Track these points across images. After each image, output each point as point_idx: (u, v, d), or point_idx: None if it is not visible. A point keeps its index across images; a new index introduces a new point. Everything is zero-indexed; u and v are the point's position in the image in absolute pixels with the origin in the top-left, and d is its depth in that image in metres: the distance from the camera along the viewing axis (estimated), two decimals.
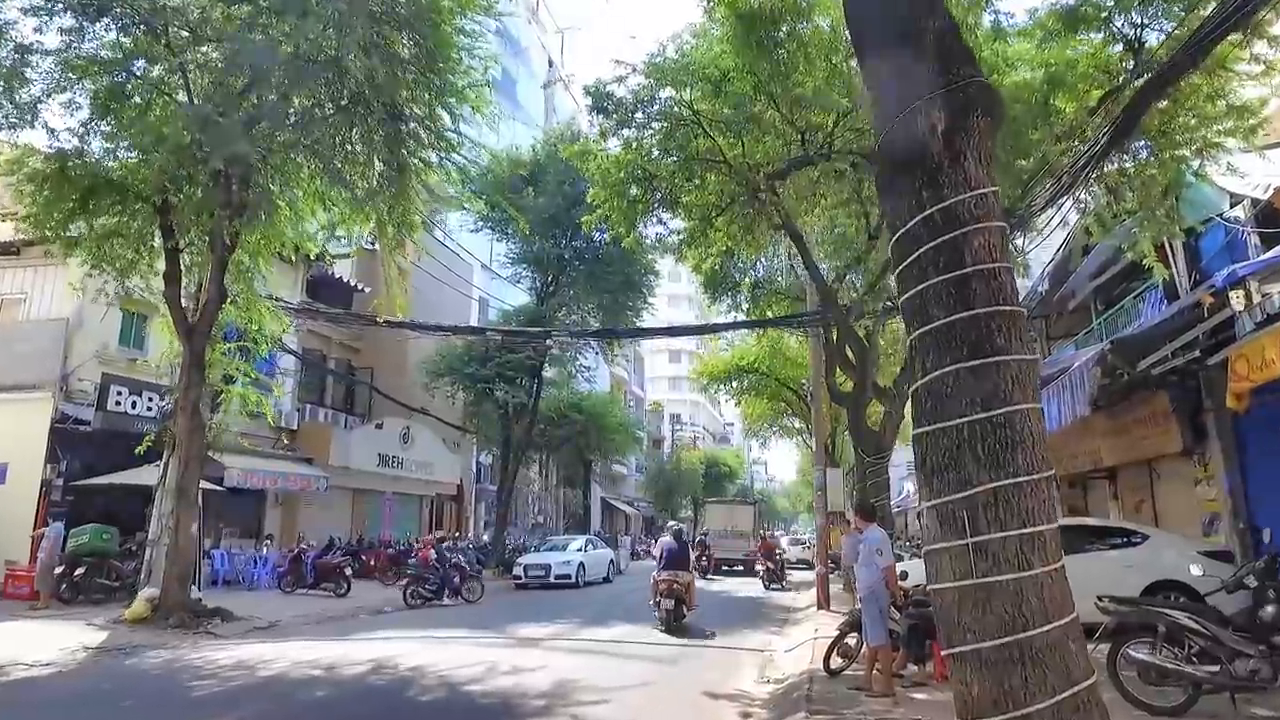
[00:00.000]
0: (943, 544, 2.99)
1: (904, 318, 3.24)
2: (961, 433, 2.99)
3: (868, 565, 7.54)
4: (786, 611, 16.37)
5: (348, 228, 13.94)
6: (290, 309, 16.56)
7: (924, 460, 3.13)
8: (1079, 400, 9.74)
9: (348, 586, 17.27)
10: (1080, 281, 16.32)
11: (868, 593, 7.52)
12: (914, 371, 3.17)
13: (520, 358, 24.53)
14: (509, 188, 24.17)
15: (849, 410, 9.87)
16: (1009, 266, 3.11)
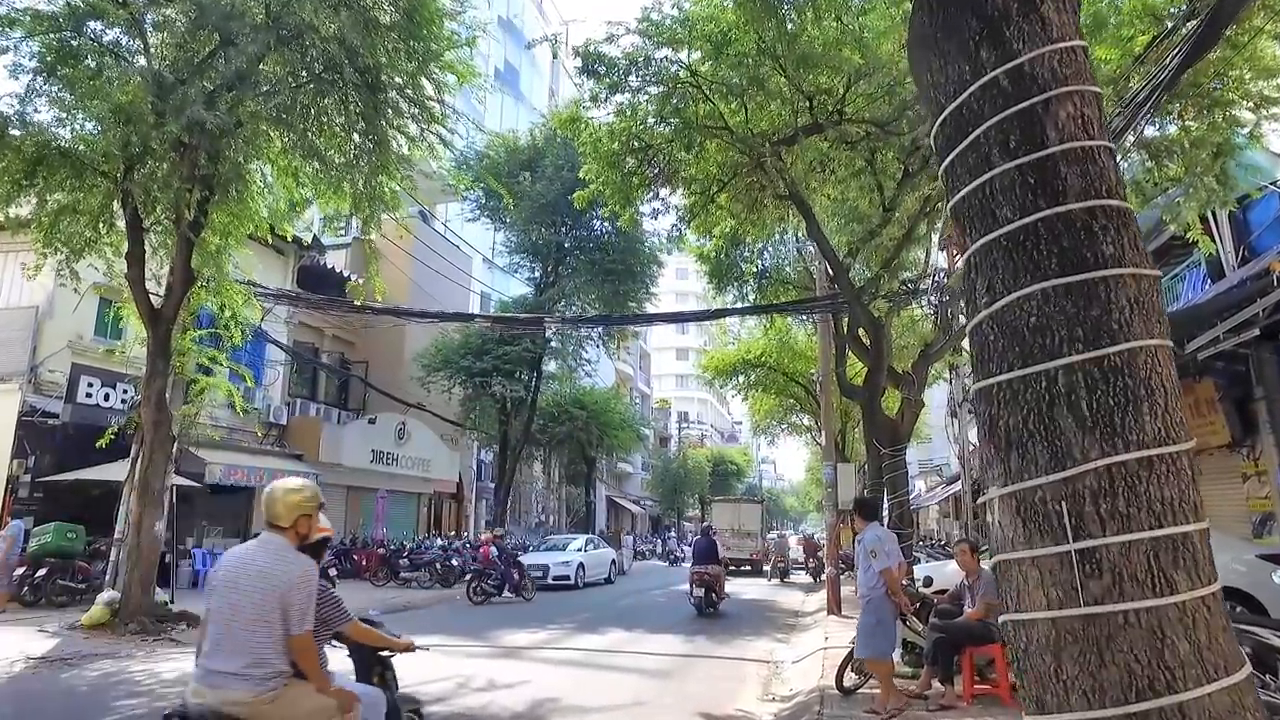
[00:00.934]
0: (1025, 552, 1.97)
1: (956, 226, 2.26)
2: (1054, 383, 1.98)
3: (864, 568, 6.61)
4: (794, 616, 15.41)
5: (323, 206, 13.03)
6: (267, 294, 15.64)
7: (992, 426, 2.10)
8: None
9: (331, 588, 16.36)
10: None
11: (864, 600, 6.59)
12: (972, 300, 2.19)
13: (518, 350, 23.63)
14: (505, 173, 23.28)
15: (863, 398, 8.93)
16: (1110, 147, 2.12)
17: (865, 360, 10.13)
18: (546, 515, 40.70)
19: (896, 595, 6.38)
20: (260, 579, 3.33)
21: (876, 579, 6.40)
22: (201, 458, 18.06)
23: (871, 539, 6.48)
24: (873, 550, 6.39)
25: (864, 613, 6.48)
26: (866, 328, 9.55)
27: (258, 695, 3.21)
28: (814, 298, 14.92)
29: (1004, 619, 2.05)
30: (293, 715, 3.35)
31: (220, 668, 3.26)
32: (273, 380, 22.70)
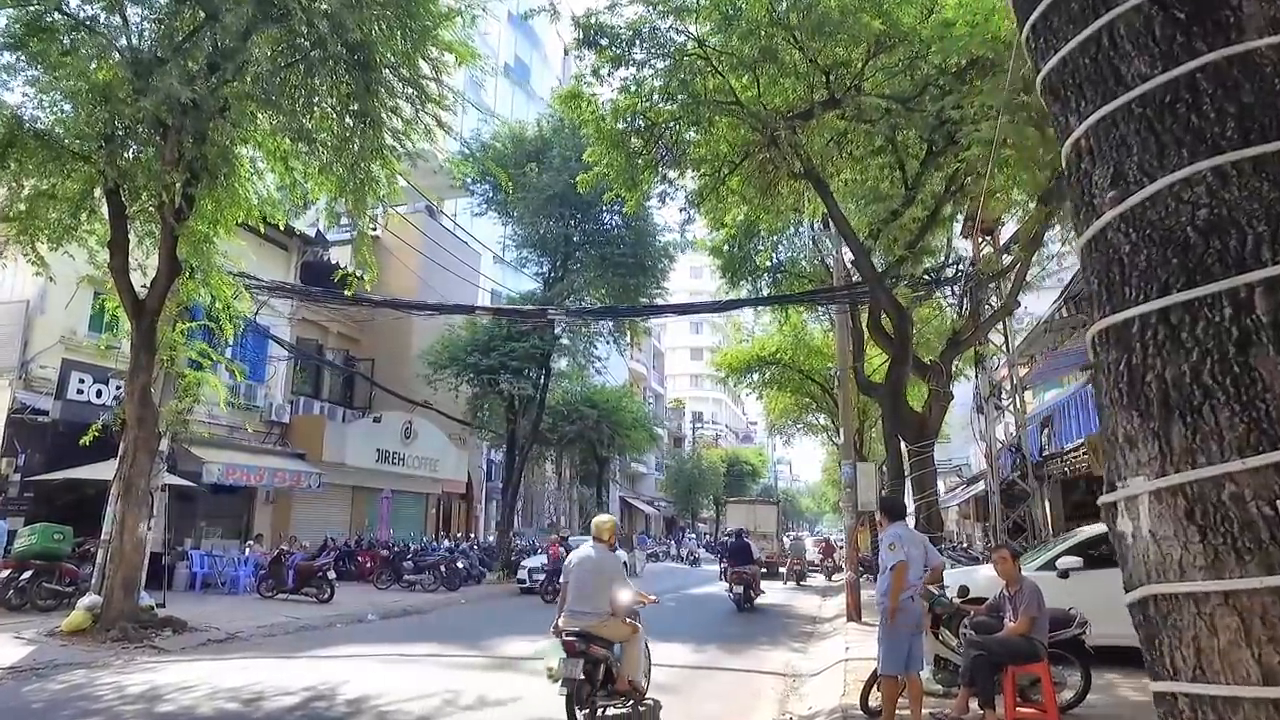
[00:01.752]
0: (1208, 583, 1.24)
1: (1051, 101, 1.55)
2: (1247, 309, 1.25)
3: (882, 574, 5.92)
4: (811, 622, 14.66)
5: (315, 192, 12.43)
6: (260, 286, 15.08)
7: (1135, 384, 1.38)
8: None
9: (330, 592, 15.82)
10: None
11: (879, 607, 5.89)
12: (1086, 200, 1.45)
13: (526, 347, 22.99)
14: (511, 164, 22.65)
15: (886, 390, 8.22)
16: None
17: (888, 351, 9.40)
18: (557, 516, 40.07)
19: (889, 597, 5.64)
20: (595, 567, 6.40)
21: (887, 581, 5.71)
22: (199, 456, 17.57)
23: (889, 536, 5.80)
24: (890, 544, 5.69)
25: (881, 624, 5.78)
26: (890, 314, 8.83)
27: (599, 621, 6.22)
28: (831, 288, 14.20)
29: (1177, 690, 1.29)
30: (614, 631, 6.32)
31: (580, 609, 6.28)
32: (274, 376, 22.21)
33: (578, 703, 6.05)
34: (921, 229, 9.62)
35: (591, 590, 6.28)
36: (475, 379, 24.03)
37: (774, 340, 27.76)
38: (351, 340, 26.27)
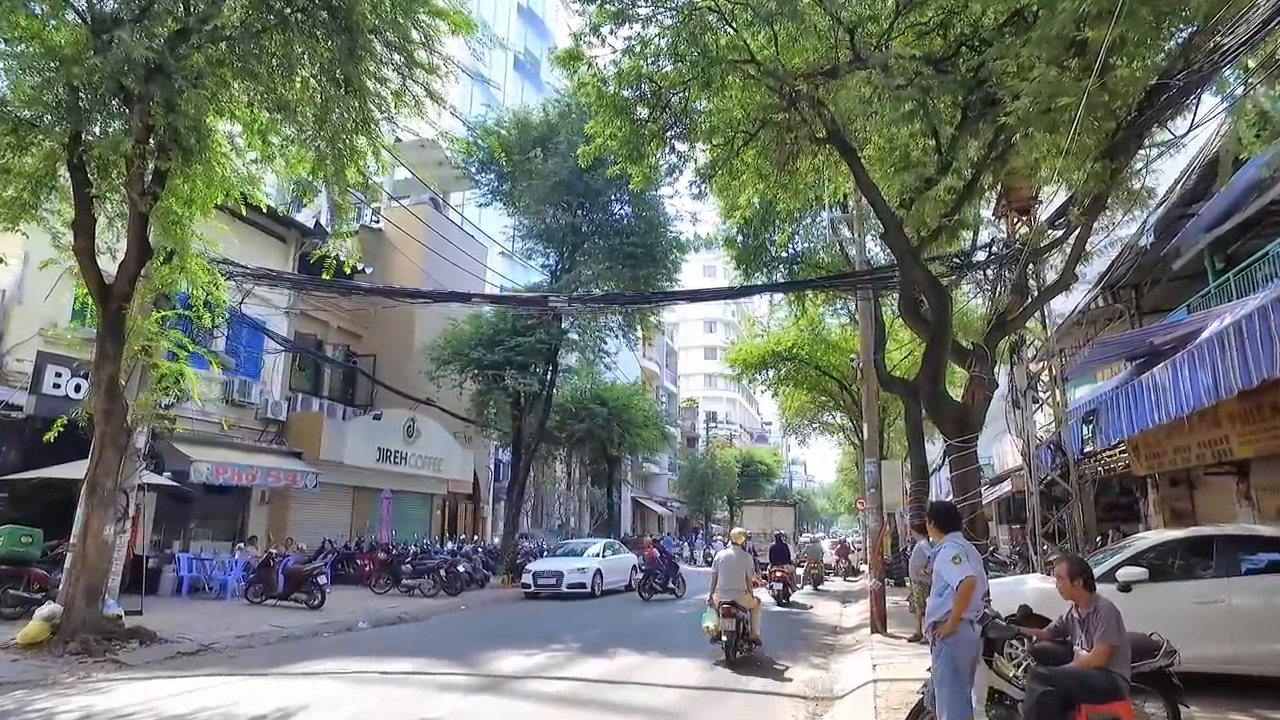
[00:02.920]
0: None
1: None
2: None
3: (936, 591, 4.93)
4: (832, 633, 13.63)
5: (294, 168, 11.53)
6: (245, 274, 14.22)
7: None
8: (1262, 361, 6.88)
9: (321, 597, 14.96)
10: (1193, 235, 13.31)
11: (928, 630, 4.92)
12: None
13: (532, 342, 22.09)
14: (516, 150, 21.78)
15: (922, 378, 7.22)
16: None
17: (923, 335, 8.38)
18: (567, 517, 39.17)
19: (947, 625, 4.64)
20: (737, 563, 10.45)
21: (949, 601, 4.72)
22: (186, 455, 16.77)
23: (952, 548, 4.83)
24: (955, 556, 4.72)
25: (937, 658, 4.78)
26: (925, 291, 7.81)
27: (739, 595, 10.06)
28: (855, 273, 13.18)
29: None
30: (748, 602, 10.12)
31: (729, 588, 10.14)
32: (270, 372, 21.41)
33: (730, 646, 10.03)
34: (958, 199, 8.60)
35: (736, 577, 10.34)
36: (479, 375, 23.15)
37: (790, 335, 26.73)
38: (353, 336, 25.46)
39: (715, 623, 9.95)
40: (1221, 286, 12.75)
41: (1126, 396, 9.84)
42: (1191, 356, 8.08)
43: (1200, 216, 12.41)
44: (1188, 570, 7.68)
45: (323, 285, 15.69)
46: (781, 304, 26.11)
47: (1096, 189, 6.77)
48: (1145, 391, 9.26)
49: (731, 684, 8.87)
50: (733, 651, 9.96)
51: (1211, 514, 13.97)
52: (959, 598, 4.61)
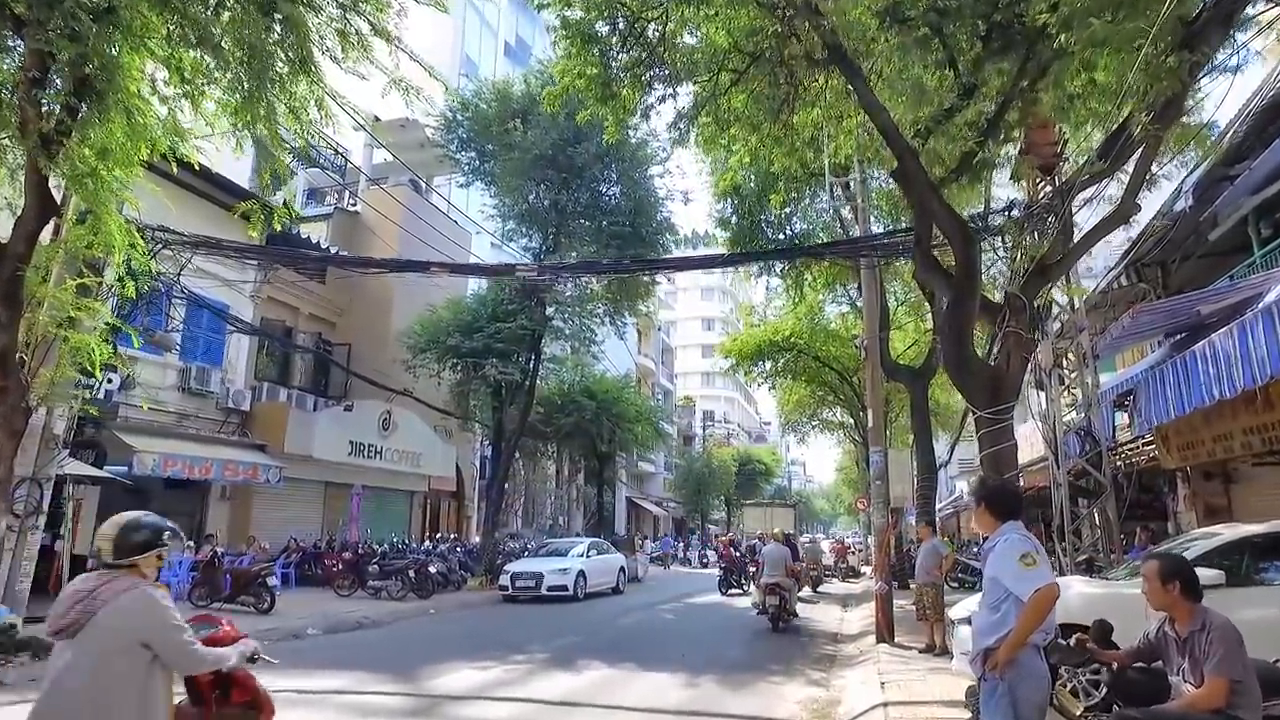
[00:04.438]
0: None
1: None
2: None
3: (991, 601, 3.53)
4: (833, 641, 12.27)
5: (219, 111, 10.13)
6: (180, 241, 12.84)
7: None
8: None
9: (270, 600, 13.59)
10: (1235, 198, 11.95)
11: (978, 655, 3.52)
12: None
13: (513, 328, 20.71)
14: (495, 122, 20.45)
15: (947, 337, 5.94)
16: None
17: (945, 289, 7.03)
18: (556, 516, 37.81)
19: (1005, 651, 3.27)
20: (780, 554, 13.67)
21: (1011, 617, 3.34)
22: (130, 445, 15.39)
23: (1016, 542, 3.47)
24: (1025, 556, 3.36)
25: (988, 696, 3.38)
26: (950, 233, 6.45)
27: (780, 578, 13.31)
28: (858, 238, 11.84)
29: None
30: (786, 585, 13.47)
31: (772, 573, 13.41)
32: (234, 360, 20.06)
33: (774, 619, 13.01)
34: (982, 134, 7.28)
35: (778, 565, 13.36)
36: (458, 364, 21.78)
37: (787, 324, 25.37)
38: (325, 323, 24.08)
39: (762, 600, 13.57)
40: (1269, 256, 11.41)
41: (1175, 371, 8.49)
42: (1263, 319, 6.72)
43: (1246, 176, 11.06)
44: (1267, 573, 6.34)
45: (267, 252, 14.27)
46: (778, 290, 24.82)
47: (1172, 88, 5.45)
48: (1199, 364, 7.91)
49: (718, 705, 7.51)
50: (777, 622, 13.19)
51: (1252, 510, 12.63)
52: (1028, 615, 3.23)
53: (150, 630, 2.85)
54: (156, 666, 2.88)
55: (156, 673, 2.89)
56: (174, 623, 2.92)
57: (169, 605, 2.94)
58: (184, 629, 2.97)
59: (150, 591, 2.92)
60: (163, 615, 2.89)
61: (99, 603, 2.83)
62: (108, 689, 2.77)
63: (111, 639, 2.80)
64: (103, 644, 2.79)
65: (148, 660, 2.85)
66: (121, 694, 2.80)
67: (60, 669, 2.82)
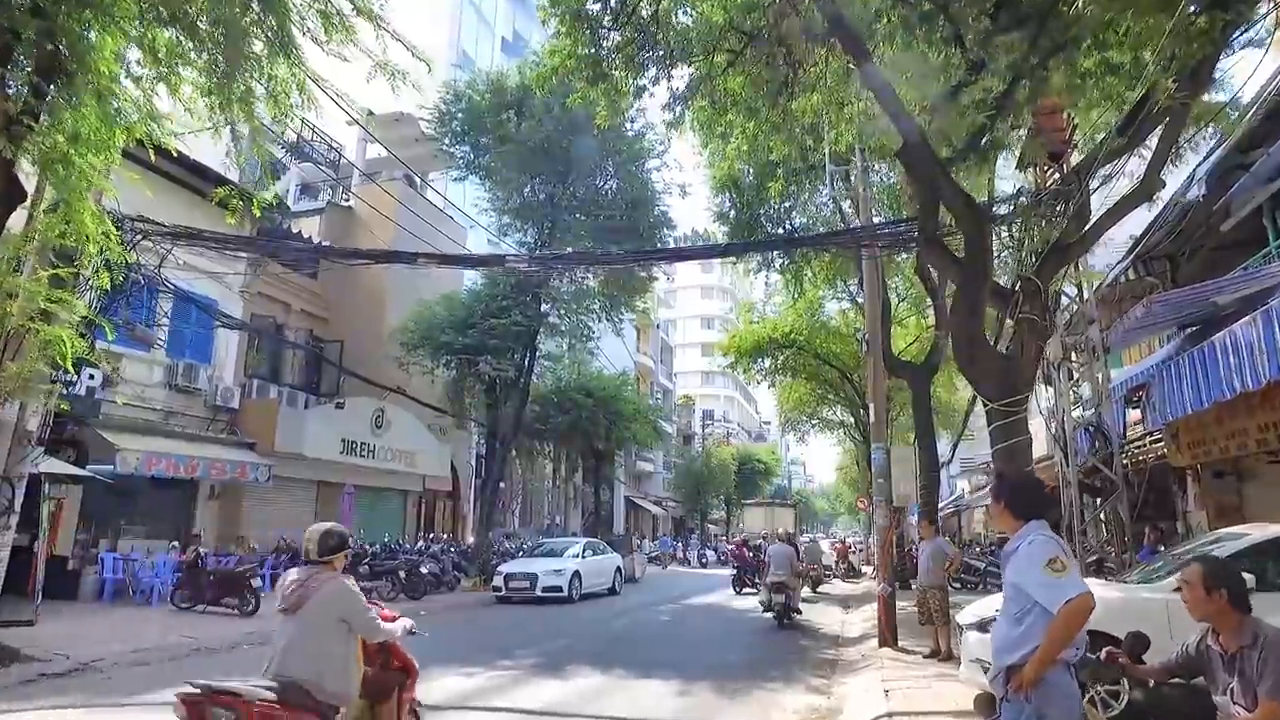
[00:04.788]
0: None
1: None
2: None
3: (1013, 611, 3.15)
4: (834, 645, 11.88)
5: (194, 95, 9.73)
6: (159, 232, 12.43)
7: None
8: None
9: (255, 603, 13.20)
10: (1249, 188, 11.54)
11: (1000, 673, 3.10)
12: None
13: (508, 324, 20.32)
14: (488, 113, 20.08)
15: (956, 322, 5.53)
16: None
17: (953, 274, 6.62)
18: (553, 516, 37.42)
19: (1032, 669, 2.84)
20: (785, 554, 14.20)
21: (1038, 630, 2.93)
22: (112, 443, 15.00)
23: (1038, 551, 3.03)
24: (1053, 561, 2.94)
25: (1012, 711, 2.96)
26: (958, 213, 6.04)
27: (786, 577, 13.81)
28: (861, 227, 11.46)
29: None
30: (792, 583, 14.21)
31: (777, 572, 13.77)
32: (222, 356, 19.67)
33: (779, 616, 13.44)
34: (992, 114, 6.89)
35: (783, 563, 13.69)
36: (452, 361, 21.38)
37: (787, 320, 24.99)
38: (317, 319, 23.68)
39: (768, 598, 13.83)
40: None
41: (1193, 363, 8.10)
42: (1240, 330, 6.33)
43: (1263, 163, 10.64)
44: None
45: (249, 242, 13.86)
46: (778, 286, 24.46)
47: (1203, 51, 5.05)
48: (1219, 355, 7.52)
49: (707, 717, 7.11)
50: (781, 619, 13.66)
51: (1266, 509, 12.24)
52: (1058, 629, 2.85)
53: (347, 610, 3.86)
54: (352, 635, 3.92)
55: (352, 640, 3.94)
56: (364, 605, 3.99)
57: (358, 592, 4.01)
58: (371, 609, 4.07)
59: (345, 582, 3.96)
60: (356, 599, 3.94)
61: (311, 589, 3.80)
62: (320, 650, 3.78)
63: (321, 615, 3.79)
64: (316, 618, 3.78)
65: (346, 631, 3.87)
66: (330, 653, 3.80)
67: (287, 638, 3.80)
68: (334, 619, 3.81)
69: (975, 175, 7.33)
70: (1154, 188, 6.14)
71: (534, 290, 20.98)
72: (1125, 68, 7.40)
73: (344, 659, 3.87)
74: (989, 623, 6.62)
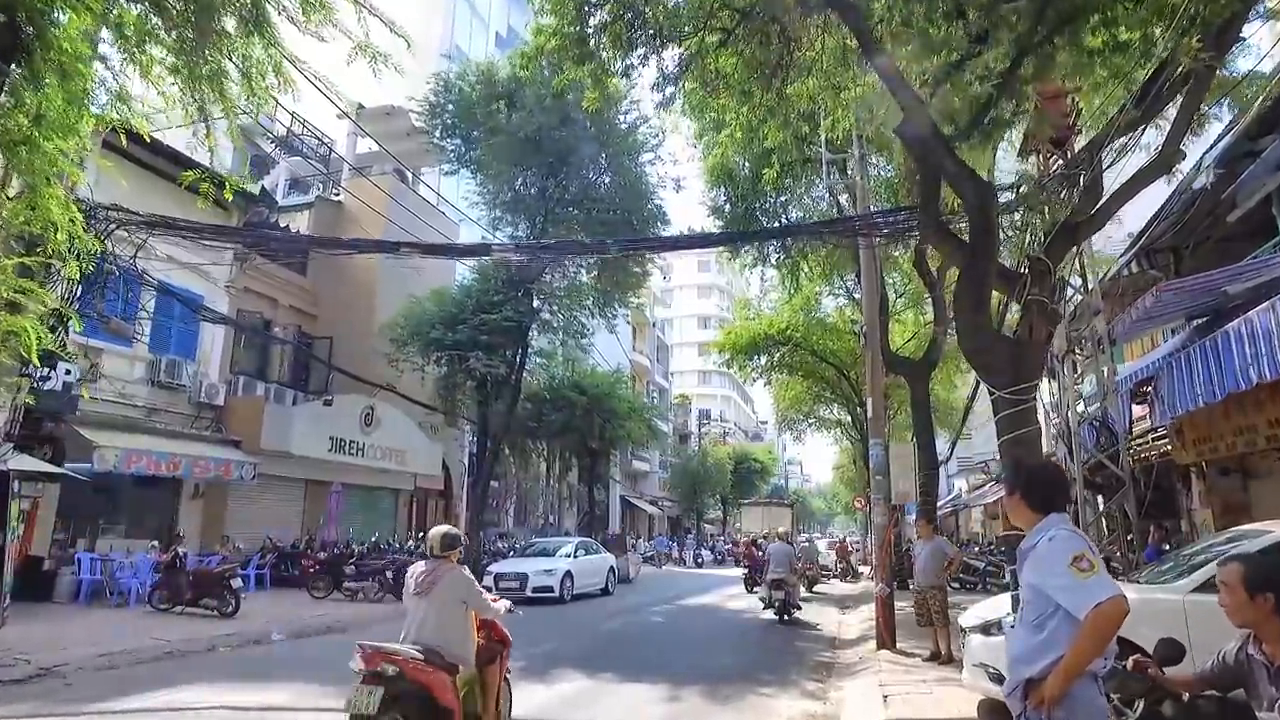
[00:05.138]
0: None
1: None
2: None
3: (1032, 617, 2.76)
4: (830, 647, 11.53)
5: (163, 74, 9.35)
6: (135, 221, 12.03)
7: None
8: None
9: (235, 604, 12.81)
10: (1258, 176, 11.19)
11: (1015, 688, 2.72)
12: None
13: (499, 319, 19.93)
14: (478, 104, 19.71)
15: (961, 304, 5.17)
16: None
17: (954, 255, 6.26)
18: (547, 516, 37.04)
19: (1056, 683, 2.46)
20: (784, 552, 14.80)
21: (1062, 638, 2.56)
22: (90, 440, 14.60)
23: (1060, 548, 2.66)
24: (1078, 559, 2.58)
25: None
26: (959, 187, 5.68)
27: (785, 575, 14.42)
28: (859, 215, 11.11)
29: None
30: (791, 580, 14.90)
31: (777, 570, 14.38)
32: (208, 353, 19.27)
33: (779, 612, 13.93)
34: (997, 83, 6.54)
35: (782, 561, 14.29)
36: (442, 357, 20.97)
37: (783, 316, 24.64)
38: (306, 315, 23.29)
39: (769, 594, 14.37)
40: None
41: (1205, 354, 7.76)
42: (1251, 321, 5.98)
43: (1273, 149, 10.29)
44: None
45: (224, 232, 13.45)
46: (773, 282, 24.14)
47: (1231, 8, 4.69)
48: (1234, 344, 7.17)
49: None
50: (781, 615, 14.17)
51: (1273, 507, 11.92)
52: (1087, 638, 2.48)
53: (466, 593, 4.95)
54: (469, 612, 5.00)
55: (469, 616, 5.02)
56: (478, 589, 5.08)
57: (473, 579, 5.10)
58: (484, 592, 5.17)
59: (463, 571, 5.04)
60: (472, 585, 5.02)
61: (438, 576, 4.87)
62: (446, 624, 4.87)
63: (446, 597, 4.86)
64: (442, 599, 4.86)
65: (464, 609, 4.95)
66: (453, 626, 4.90)
67: (420, 614, 4.88)
68: (456, 599, 4.93)
69: (978, 154, 6.99)
70: (1174, 159, 5.79)
71: (525, 286, 20.60)
72: (1134, 46, 7.04)
73: (464, 631, 5.01)
74: (993, 625, 6.27)
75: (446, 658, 4.77)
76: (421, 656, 4.69)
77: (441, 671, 4.70)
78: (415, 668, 4.63)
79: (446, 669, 4.74)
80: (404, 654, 4.67)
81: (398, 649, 4.70)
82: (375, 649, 4.67)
